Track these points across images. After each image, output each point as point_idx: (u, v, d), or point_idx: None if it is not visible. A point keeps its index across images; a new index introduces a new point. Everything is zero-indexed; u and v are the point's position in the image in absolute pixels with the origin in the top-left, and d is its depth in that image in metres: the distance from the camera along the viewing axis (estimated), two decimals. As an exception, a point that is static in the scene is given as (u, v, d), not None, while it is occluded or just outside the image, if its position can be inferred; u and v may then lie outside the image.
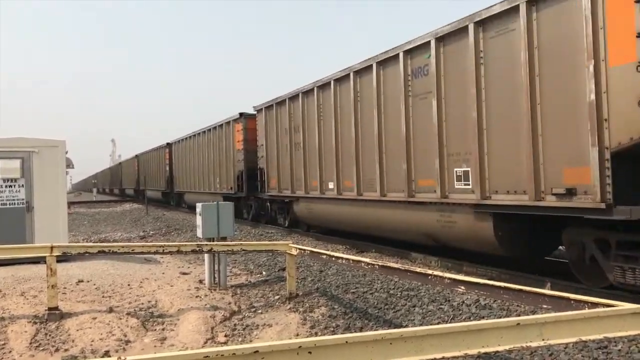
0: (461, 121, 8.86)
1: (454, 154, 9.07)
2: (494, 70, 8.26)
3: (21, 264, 9.84)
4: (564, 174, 7.17)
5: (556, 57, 7.27)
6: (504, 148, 8.11)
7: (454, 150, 9.09)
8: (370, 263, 6.36)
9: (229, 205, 8.92)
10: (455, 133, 9.04)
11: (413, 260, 10.32)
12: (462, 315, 6.35)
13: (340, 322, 6.59)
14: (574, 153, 7.00)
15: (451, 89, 9.11)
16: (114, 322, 6.64)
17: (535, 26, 7.53)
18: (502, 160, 8.14)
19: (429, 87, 9.55)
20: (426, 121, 9.63)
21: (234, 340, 6.28)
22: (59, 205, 11.05)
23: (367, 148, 11.58)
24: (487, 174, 8.43)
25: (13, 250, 8.32)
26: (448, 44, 9.13)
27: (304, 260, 9.97)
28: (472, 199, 8.63)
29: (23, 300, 7.51)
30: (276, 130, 16.24)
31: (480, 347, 3.14)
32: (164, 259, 11.25)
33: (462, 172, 8.93)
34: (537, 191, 7.52)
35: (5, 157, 10.72)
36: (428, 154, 9.62)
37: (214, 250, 7.98)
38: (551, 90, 7.33)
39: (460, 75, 8.84)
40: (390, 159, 10.82)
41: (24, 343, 6.07)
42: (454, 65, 9.03)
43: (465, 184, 8.85)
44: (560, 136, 7.20)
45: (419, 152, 9.93)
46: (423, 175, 9.83)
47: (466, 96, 8.69)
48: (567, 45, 7.08)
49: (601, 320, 3.41)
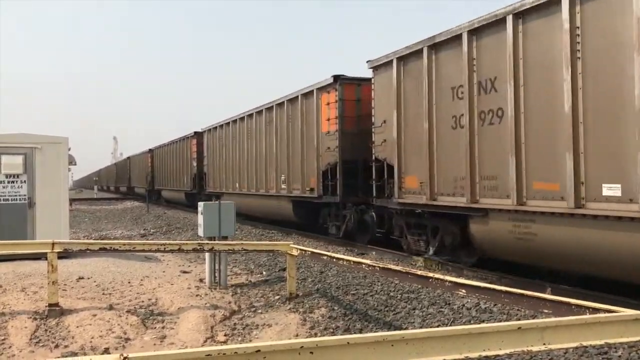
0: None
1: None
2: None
3: (22, 260, 9.84)
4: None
5: None
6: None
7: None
8: (371, 265, 6.36)
9: (231, 204, 8.92)
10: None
11: (414, 263, 10.31)
12: (463, 319, 6.35)
13: (340, 323, 6.59)
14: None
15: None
16: (114, 320, 6.64)
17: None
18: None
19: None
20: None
21: (234, 339, 6.28)
22: (60, 201, 11.06)
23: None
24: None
25: (14, 246, 8.33)
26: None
27: (304, 261, 9.97)
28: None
29: (24, 296, 7.52)
30: (216, 145, 21.24)
31: (482, 350, 3.13)
32: (164, 257, 11.26)
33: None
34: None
35: (8, 153, 10.73)
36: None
37: (215, 249, 7.99)
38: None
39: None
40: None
41: (24, 339, 6.08)
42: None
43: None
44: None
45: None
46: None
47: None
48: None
49: (602, 326, 3.40)
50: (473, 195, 8.63)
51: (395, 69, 10.49)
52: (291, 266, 7.86)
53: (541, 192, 7.57)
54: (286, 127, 15.68)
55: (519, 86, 7.90)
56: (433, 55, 9.57)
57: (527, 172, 7.76)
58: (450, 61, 9.18)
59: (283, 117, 15.90)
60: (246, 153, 19.00)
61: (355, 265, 6.62)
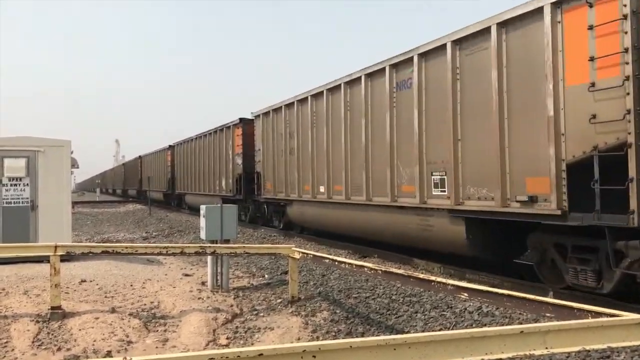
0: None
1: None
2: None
3: (25, 263, 9.87)
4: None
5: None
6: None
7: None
8: (373, 268, 6.36)
9: (233, 207, 8.93)
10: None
11: (416, 267, 10.31)
12: (465, 322, 6.35)
13: (342, 326, 6.59)
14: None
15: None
16: (116, 323, 6.65)
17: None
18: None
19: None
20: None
21: (236, 343, 6.28)
22: (63, 204, 11.08)
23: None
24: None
25: (17, 249, 8.34)
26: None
27: (306, 264, 9.97)
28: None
29: (26, 299, 7.53)
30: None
31: (484, 354, 3.13)
32: (166, 260, 11.27)
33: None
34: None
35: (11, 156, 10.77)
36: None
37: (217, 252, 8.00)
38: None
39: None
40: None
41: (27, 342, 6.08)
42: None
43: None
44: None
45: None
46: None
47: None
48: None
49: (605, 330, 3.40)
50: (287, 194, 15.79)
51: (262, 119, 17.63)
52: (293, 269, 7.87)
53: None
54: (219, 148, 22.37)
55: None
56: (275, 115, 16.53)
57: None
58: (280, 121, 16.10)
59: (214, 142, 23.00)
60: (199, 164, 24.98)
61: (358, 269, 6.62)
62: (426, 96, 9.71)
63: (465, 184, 8.79)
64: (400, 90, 10.43)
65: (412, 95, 9.97)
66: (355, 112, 11.98)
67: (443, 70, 9.19)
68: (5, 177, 10.73)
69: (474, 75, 8.65)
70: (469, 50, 8.74)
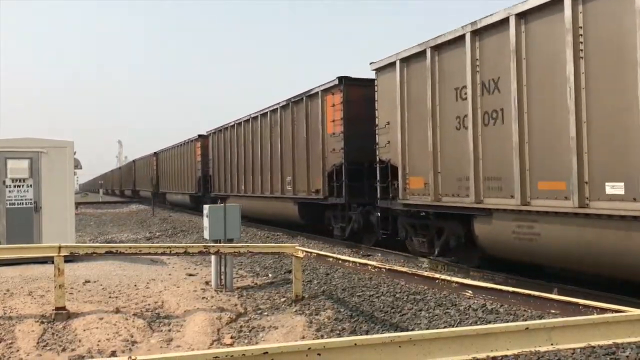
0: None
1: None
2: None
3: (29, 264, 9.88)
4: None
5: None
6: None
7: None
8: (377, 266, 6.35)
9: (236, 207, 8.94)
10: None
11: (419, 264, 10.30)
12: (469, 320, 6.34)
13: (346, 325, 6.59)
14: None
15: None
16: (121, 323, 6.66)
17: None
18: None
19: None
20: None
21: (240, 342, 6.28)
22: (66, 205, 11.10)
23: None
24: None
25: (21, 250, 8.37)
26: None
27: (310, 263, 9.96)
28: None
29: (30, 299, 7.55)
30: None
31: (489, 351, 3.13)
32: (170, 260, 11.28)
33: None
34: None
35: (14, 157, 10.78)
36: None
37: (220, 252, 8.00)
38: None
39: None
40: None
41: (31, 342, 6.10)
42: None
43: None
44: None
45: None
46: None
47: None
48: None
49: (610, 326, 3.39)
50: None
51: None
52: (297, 268, 7.86)
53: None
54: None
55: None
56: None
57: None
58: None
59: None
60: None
61: (361, 267, 6.61)
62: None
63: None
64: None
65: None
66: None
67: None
68: (8, 178, 10.75)
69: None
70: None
